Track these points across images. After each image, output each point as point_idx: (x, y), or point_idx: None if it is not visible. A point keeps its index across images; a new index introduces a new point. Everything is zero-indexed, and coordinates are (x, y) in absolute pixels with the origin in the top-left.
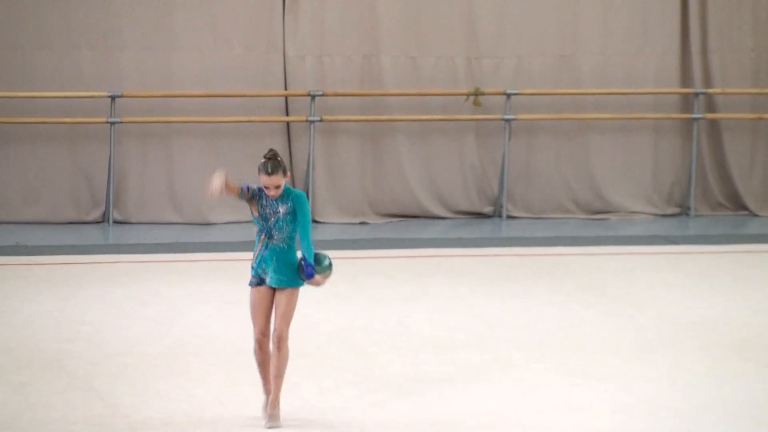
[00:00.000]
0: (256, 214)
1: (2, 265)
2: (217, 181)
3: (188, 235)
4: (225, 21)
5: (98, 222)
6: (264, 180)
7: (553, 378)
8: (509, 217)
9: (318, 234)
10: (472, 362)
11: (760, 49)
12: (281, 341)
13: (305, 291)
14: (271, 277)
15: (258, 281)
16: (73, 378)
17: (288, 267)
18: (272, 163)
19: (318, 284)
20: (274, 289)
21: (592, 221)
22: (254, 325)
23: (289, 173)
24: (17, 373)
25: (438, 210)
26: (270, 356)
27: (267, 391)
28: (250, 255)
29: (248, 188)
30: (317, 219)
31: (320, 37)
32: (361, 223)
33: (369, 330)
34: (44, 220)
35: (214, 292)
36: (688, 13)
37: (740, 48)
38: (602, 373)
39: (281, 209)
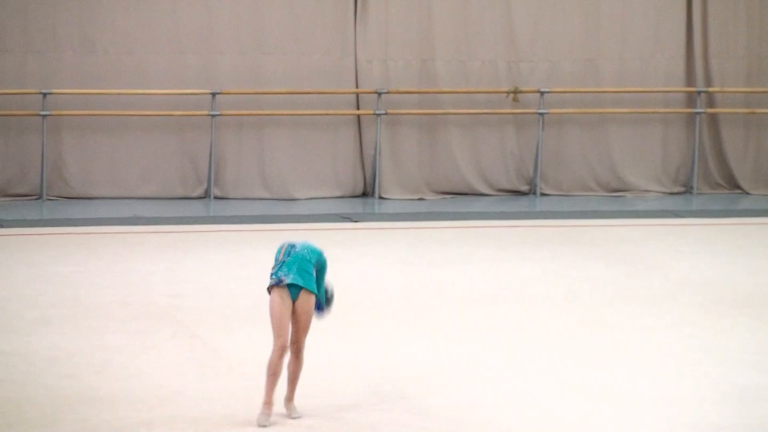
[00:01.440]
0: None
1: (123, 233)
2: None
3: (276, 209)
4: (306, 31)
5: (201, 197)
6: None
7: (576, 327)
8: (542, 194)
9: (383, 208)
10: (510, 314)
11: (751, 55)
12: (301, 351)
13: (370, 251)
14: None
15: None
16: (180, 326)
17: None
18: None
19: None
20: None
21: (611, 198)
22: (279, 336)
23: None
24: (134, 322)
25: (483, 188)
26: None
27: (267, 402)
28: (328, 225)
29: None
30: (383, 196)
31: (385, 44)
32: (420, 199)
33: (426, 287)
34: (157, 195)
35: None
36: (692, 25)
37: (735, 54)
38: (618, 324)
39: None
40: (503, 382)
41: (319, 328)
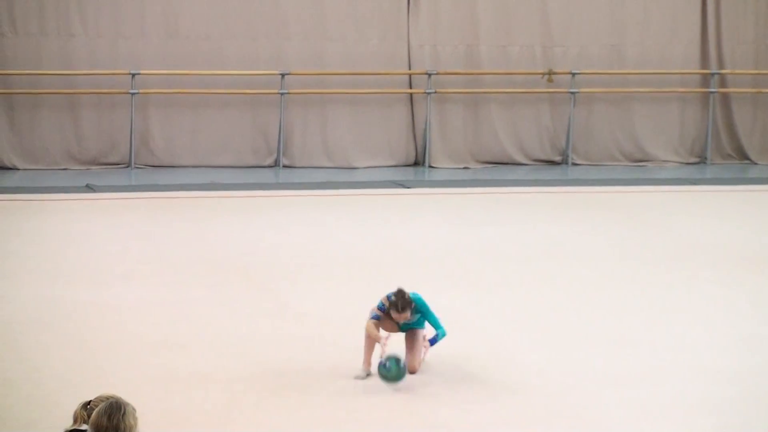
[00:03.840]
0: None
1: (201, 197)
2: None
3: (337, 176)
4: (364, 19)
5: (271, 166)
6: (395, 316)
7: (601, 282)
8: (573, 164)
9: (432, 176)
10: (543, 270)
11: (759, 41)
12: (415, 372)
13: (421, 214)
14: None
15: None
16: (252, 281)
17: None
18: (402, 302)
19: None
20: None
21: (634, 167)
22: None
23: (414, 305)
24: (211, 276)
25: (521, 158)
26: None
27: (365, 361)
28: (384, 191)
29: (379, 316)
30: (432, 165)
31: (435, 31)
32: (465, 168)
33: (469, 245)
34: (232, 164)
35: (358, 219)
36: (706, 14)
37: (745, 40)
38: (637, 279)
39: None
40: (537, 329)
41: (375, 285)
